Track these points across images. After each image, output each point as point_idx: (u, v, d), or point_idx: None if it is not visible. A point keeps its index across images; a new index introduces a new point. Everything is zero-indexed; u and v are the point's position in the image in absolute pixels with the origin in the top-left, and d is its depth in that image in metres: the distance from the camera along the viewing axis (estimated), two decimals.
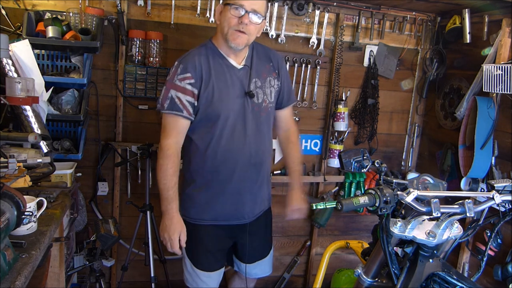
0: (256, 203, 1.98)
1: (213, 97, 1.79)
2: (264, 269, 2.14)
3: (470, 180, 2.47)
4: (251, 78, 1.85)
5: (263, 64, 1.91)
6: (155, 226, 2.51)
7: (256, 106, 1.86)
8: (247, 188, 1.91)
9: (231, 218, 1.93)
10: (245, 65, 1.86)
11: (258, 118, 1.88)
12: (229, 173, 1.86)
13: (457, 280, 1.35)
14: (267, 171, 2.02)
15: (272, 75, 1.93)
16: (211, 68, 1.79)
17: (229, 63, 1.83)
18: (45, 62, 2.31)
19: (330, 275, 2.81)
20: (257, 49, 1.92)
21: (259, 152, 1.89)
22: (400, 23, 2.82)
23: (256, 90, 1.86)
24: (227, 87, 1.81)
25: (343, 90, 2.85)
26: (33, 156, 1.75)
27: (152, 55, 2.49)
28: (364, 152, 2.95)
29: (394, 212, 1.37)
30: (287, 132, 2.09)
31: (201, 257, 1.96)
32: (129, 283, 2.80)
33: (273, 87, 1.93)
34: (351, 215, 3.11)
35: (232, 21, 1.71)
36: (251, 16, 1.71)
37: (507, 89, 2.13)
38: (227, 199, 1.89)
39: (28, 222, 1.32)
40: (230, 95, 1.81)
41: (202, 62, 1.79)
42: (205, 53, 1.81)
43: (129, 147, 2.58)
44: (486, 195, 1.40)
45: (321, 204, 1.31)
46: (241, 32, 1.72)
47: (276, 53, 2.01)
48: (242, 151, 1.84)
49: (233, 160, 1.84)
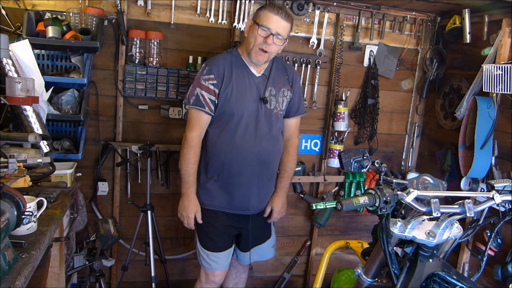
0: (261, 197, 2.19)
1: (231, 97, 2.02)
2: (263, 254, 2.32)
3: (470, 180, 2.47)
4: (267, 86, 2.08)
5: (280, 76, 2.14)
6: (155, 226, 2.51)
7: (268, 111, 2.09)
8: (254, 182, 2.12)
9: (237, 208, 2.14)
10: (263, 74, 2.09)
11: (270, 121, 2.10)
12: (239, 167, 2.07)
13: (457, 280, 1.35)
14: (274, 170, 2.23)
15: (286, 87, 2.16)
16: (233, 73, 2.03)
17: (250, 71, 2.07)
18: (45, 62, 2.31)
19: (330, 275, 2.81)
20: (277, 62, 2.15)
21: (267, 151, 2.11)
22: (400, 23, 2.82)
23: (270, 97, 2.09)
24: (244, 90, 2.04)
25: (343, 90, 2.85)
26: (33, 156, 1.75)
27: (152, 55, 2.49)
28: (364, 152, 2.95)
29: (394, 212, 1.37)
30: (288, 142, 2.27)
31: (209, 239, 2.17)
32: (129, 283, 2.80)
33: (286, 97, 2.15)
34: (351, 215, 3.11)
35: (258, 40, 1.95)
36: (275, 39, 1.94)
37: (507, 89, 2.13)
38: (235, 190, 2.10)
39: (28, 222, 1.32)
40: (246, 98, 2.04)
41: (226, 66, 2.03)
42: (229, 59, 2.06)
43: (129, 147, 2.58)
44: (486, 195, 1.40)
45: (321, 204, 1.31)
46: (264, 51, 1.96)
47: (293, 69, 2.27)
48: (253, 148, 2.06)
49: (244, 155, 2.06)
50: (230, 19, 2.57)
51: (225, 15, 2.56)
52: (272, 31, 1.92)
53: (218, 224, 2.14)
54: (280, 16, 1.92)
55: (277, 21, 1.92)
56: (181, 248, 2.86)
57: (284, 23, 1.94)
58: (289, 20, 1.96)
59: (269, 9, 1.94)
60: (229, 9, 2.57)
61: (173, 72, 2.54)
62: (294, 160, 2.29)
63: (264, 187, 2.19)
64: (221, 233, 2.16)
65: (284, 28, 1.95)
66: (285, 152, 2.25)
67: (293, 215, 3.02)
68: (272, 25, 1.92)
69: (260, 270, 3.06)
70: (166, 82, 2.54)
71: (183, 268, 2.91)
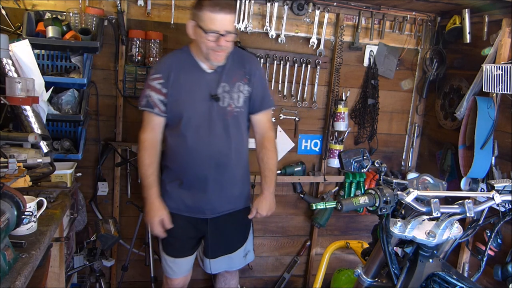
0: (220, 201, 2.05)
1: (179, 97, 1.92)
2: (231, 264, 2.19)
3: (470, 180, 2.47)
4: (219, 83, 1.93)
5: (236, 70, 1.97)
6: None
7: (221, 110, 1.94)
8: (209, 186, 1.99)
9: (192, 211, 2.04)
10: (215, 70, 1.94)
11: (225, 121, 1.95)
12: (192, 170, 1.97)
13: (457, 280, 1.35)
14: (237, 173, 2.05)
15: (242, 81, 1.98)
16: (181, 71, 1.92)
17: (200, 68, 1.94)
18: (45, 62, 2.31)
19: (330, 275, 2.81)
20: (234, 54, 1.97)
21: (224, 153, 1.97)
22: (400, 23, 2.82)
23: (223, 94, 1.93)
24: (193, 89, 1.92)
25: (343, 90, 2.85)
26: (33, 156, 1.75)
27: (152, 55, 2.49)
28: (364, 152, 2.95)
29: (394, 212, 1.37)
30: (262, 137, 2.10)
31: (168, 242, 2.10)
32: (129, 283, 2.80)
33: (242, 92, 1.98)
34: (351, 215, 3.11)
35: (209, 44, 1.80)
36: (226, 37, 1.80)
37: (507, 89, 2.13)
38: (189, 193, 2.01)
39: (28, 222, 1.32)
40: (195, 98, 1.92)
41: (173, 64, 1.93)
42: (179, 57, 1.96)
43: (129, 147, 2.58)
44: (486, 195, 1.40)
45: (321, 204, 1.31)
46: (220, 51, 1.83)
47: (253, 60, 2.08)
48: (206, 151, 1.94)
49: (197, 158, 1.95)
50: None
51: None
52: (221, 32, 1.77)
53: (176, 228, 2.02)
54: (224, 12, 1.75)
55: (222, 19, 1.75)
56: None
57: (228, 17, 1.78)
58: (232, 10, 1.82)
59: (209, 8, 1.75)
60: None
61: None
62: (274, 155, 2.09)
63: (225, 189, 2.03)
64: (180, 236, 2.07)
65: (231, 22, 1.80)
66: (263, 149, 2.08)
67: (293, 215, 3.02)
68: (219, 26, 1.76)
69: (260, 270, 3.06)
70: None
71: None
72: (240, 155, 2.05)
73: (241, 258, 2.20)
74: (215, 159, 1.95)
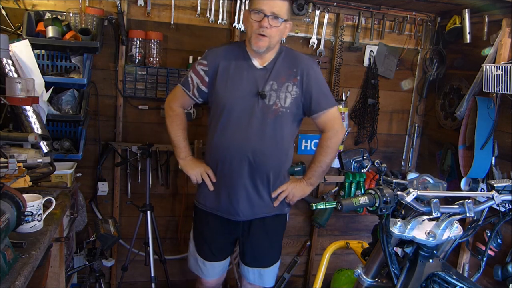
0: (253, 203, 1.96)
1: (224, 87, 1.90)
2: (263, 280, 2.11)
3: (470, 180, 2.47)
4: (268, 80, 1.89)
5: (285, 69, 1.92)
6: (155, 226, 2.51)
7: (265, 107, 1.88)
8: (241, 184, 1.92)
9: (225, 212, 1.98)
10: (265, 67, 1.91)
11: (265, 120, 1.89)
12: (227, 166, 1.92)
13: (457, 280, 1.35)
14: (271, 175, 1.96)
15: (291, 81, 1.91)
16: (232, 63, 1.91)
17: (251, 63, 1.92)
18: (45, 62, 2.31)
19: (330, 275, 2.82)
20: (285, 54, 1.95)
21: (260, 153, 1.89)
22: (400, 23, 2.82)
23: (271, 92, 1.89)
24: (240, 82, 1.90)
25: (343, 90, 2.85)
26: (33, 156, 1.75)
27: (152, 55, 2.49)
28: (364, 152, 2.95)
29: (394, 212, 1.37)
30: (322, 137, 2.05)
31: (203, 244, 2.06)
32: (129, 283, 2.80)
33: (290, 93, 1.91)
34: (351, 215, 3.11)
35: (254, 25, 1.80)
36: (270, 20, 1.78)
37: (507, 89, 2.13)
38: (222, 191, 1.96)
39: (32, 221, 1.32)
40: (240, 91, 1.89)
41: (225, 55, 1.93)
42: (232, 49, 1.97)
43: (129, 147, 2.58)
44: (486, 195, 1.40)
45: (321, 204, 1.31)
46: (262, 35, 1.80)
47: (306, 60, 1.98)
48: (243, 147, 1.88)
49: (233, 153, 1.90)
50: (230, 19, 2.57)
51: (225, 15, 2.56)
52: (266, 12, 1.76)
53: (212, 228, 2.02)
54: None
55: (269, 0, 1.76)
56: (181, 248, 2.86)
57: (278, 1, 1.77)
58: None
59: None
60: (229, 9, 2.57)
61: (173, 72, 2.54)
62: (325, 152, 2.00)
63: (257, 192, 1.95)
64: (216, 240, 2.04)
65: (280, 6, 1.78)
66: (318, 147, 2.04)
67: (293, 215, 3.02)
68: (264, 6, 1.76)
69: None
70: (166, 82, 2.54)
71: (183, 268, 2.90)
72: (277, 158, 1.95)
73: (272, 276, 2.14)
74: (251, 158, 1.88)
